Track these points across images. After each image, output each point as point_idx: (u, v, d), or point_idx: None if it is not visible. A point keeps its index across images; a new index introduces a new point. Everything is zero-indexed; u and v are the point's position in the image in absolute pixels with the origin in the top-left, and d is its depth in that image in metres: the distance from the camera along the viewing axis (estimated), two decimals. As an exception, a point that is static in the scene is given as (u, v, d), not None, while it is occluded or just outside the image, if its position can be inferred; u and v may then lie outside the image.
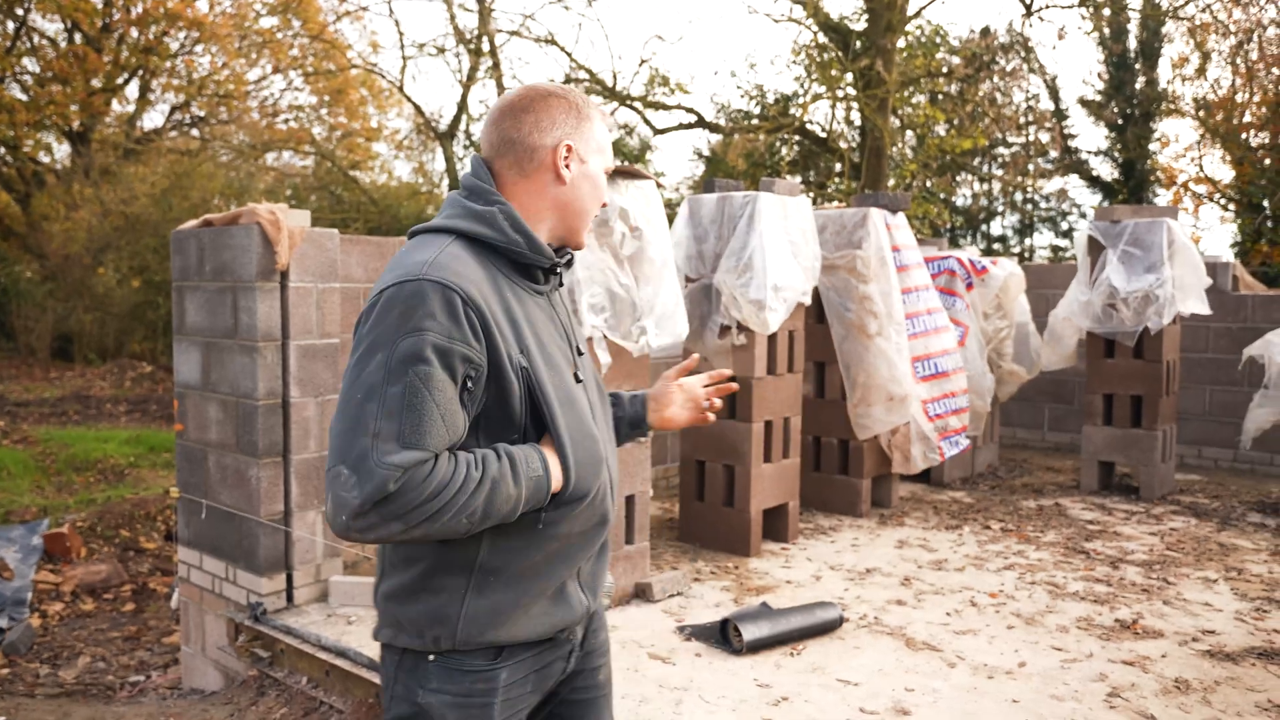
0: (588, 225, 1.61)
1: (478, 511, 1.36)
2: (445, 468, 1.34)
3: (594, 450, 1.53)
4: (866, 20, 12.86)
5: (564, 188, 1.57)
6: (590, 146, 1.59)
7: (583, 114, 1.58)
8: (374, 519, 1.30)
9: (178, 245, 4.37)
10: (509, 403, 1.43)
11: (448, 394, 1.35)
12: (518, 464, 1.41)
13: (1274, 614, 4.18)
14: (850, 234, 5.54)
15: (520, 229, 1.50)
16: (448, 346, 1.35)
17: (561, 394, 1.50)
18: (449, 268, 1.39)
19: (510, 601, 1.48)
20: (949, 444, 5.81)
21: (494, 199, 1.52)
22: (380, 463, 1.29)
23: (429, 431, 1.33)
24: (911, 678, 3.48)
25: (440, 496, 1.32)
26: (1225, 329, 7.50)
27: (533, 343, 1.47)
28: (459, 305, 1.36)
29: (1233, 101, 17.41)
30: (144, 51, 17.71)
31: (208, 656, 4.36)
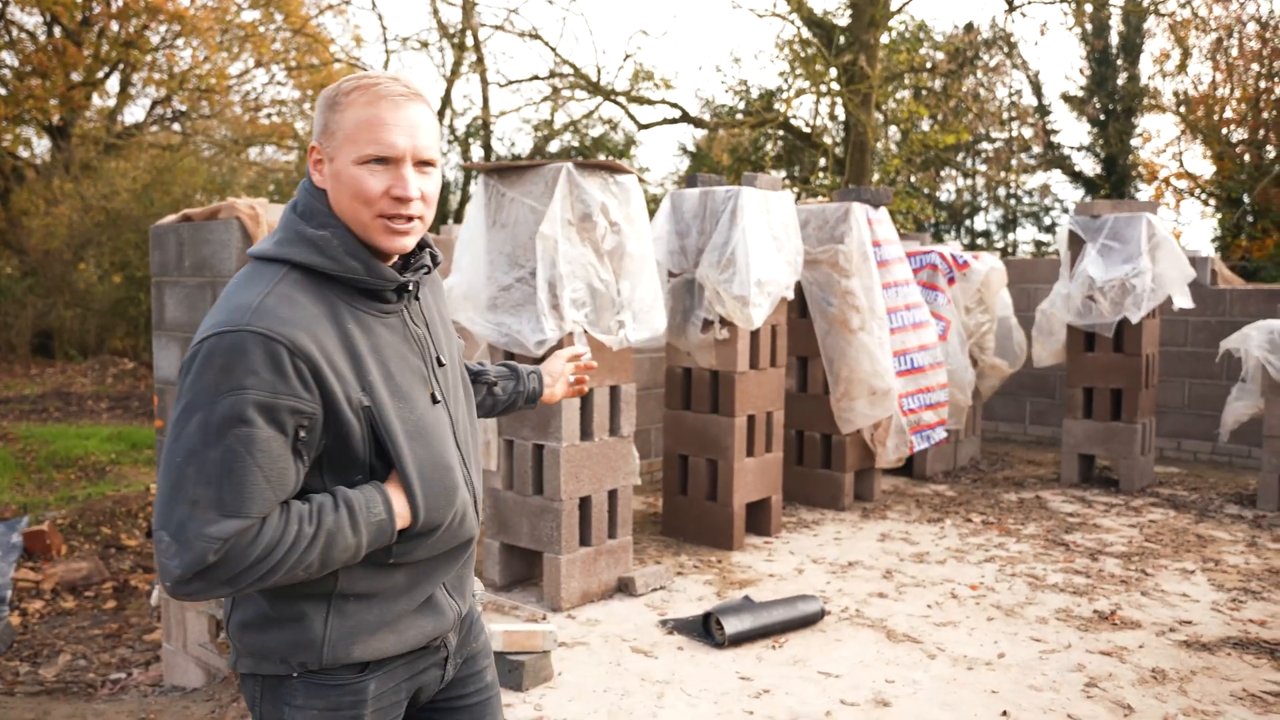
0: (368, 227, 1.40)
1: (314, 564, 1.32)
2: (273, 529, 1.29)
3: (446, 480, 1.46)
4: (850, 15, 12.89)
5: (330, 195, 1.42)
6: (336, 140, 1.39)
7: (331, 104, 1.41)
8: (199, 585, 1.26)
9: (157, 240, 4.35)
10: (350, 444, 1.36)
11: (273, 452, 1.28)
12: (356, 511, 1.35)
13: (1250, 604, 4.23)
14: (832, 229, 5.56)
15: (357, 254, 1.39)
16: (272, 403, 1.26)
17: (410, 426, 1.42)
18: (274, 313, 1.29)
19: (374, 621, 1.44)
20: (920, 438, 5.85)
21: (327, 221, 1.40)
22: (199, 534, 1.24)
23: (251, 498, 1.26)
24: (892, 669, 3.50)
25: (268, 559, 1.28)
26: (1204, 323, 7.56)
27: (378, 376, 1.39)
28: (284, 357, 1.27)
29: (1213, 97, 17.55)
30: (124, 45, 17.56)
31: (189, 653, 4.34)
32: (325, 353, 1.32)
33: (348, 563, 1.37)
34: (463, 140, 19.65)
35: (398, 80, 1.41)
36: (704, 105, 18.36)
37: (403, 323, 1.47)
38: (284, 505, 1.32)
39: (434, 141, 1.44)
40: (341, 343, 1.35)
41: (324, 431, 1.34)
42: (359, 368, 1.36)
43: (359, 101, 1.38)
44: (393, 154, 1.38)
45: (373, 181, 1.38)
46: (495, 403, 1.93)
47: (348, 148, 1.38)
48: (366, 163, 1.38)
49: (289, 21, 18.61)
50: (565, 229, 3.95)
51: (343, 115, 1.39)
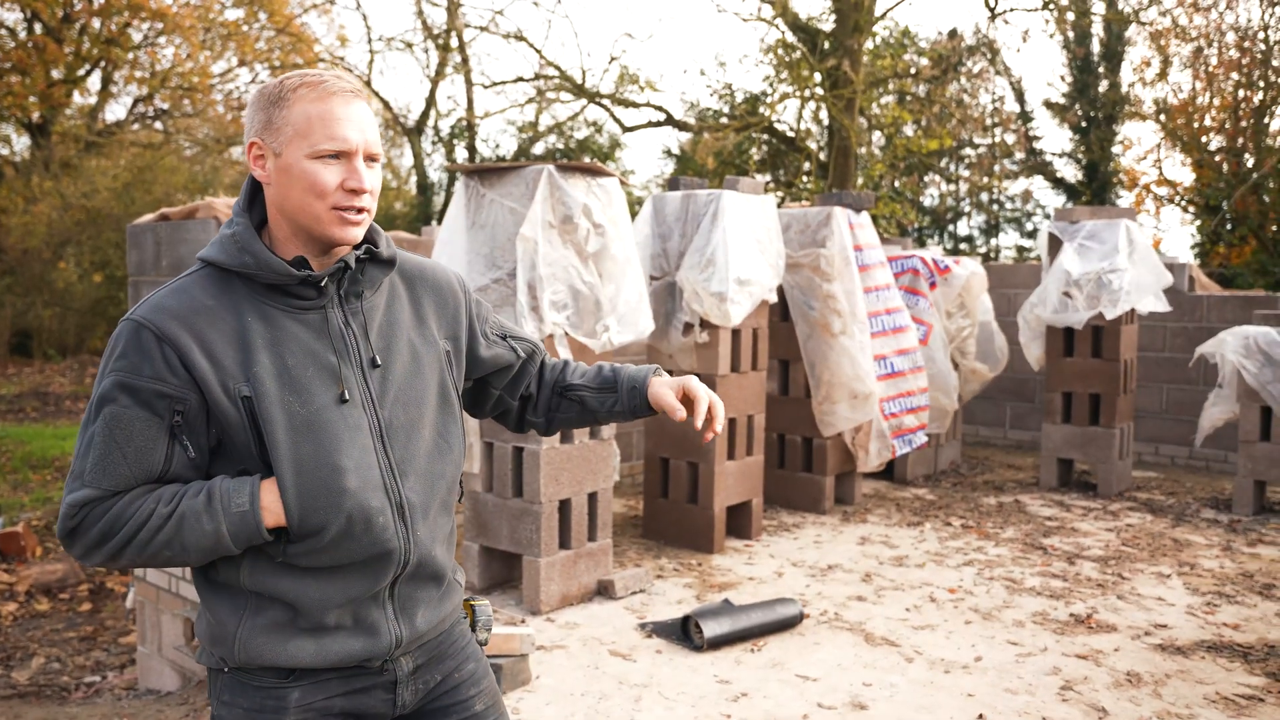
0: (321, 219, 1.41)
1: (174, 545, 1.37)
2: (125, 505, 1.36)
3: (331, 481, 1.40)
4: (834, 21, 12.94)
5: (270, 189, 1.44)
6: (285, 134, 1.40)
7: (275, 100, 1.42)
8: (77, 549, 1.38)
9: (134, 239, 4.31)
10: (232, 433, 1.39)
11: (136, 432, 1.36)
12: (215, 498, 1.37)
13: (1224, 608, 4.26)
14: (814, 233, 5.58)
15: (249, 249, 1.41)
16: (137, 384, 1.35)
17: (298, 421, 1.40)
18: (158, 304, 1.38)
19: (287, 623, 1.43)
20: (902, 442, 5.87)
21: (235, 220, 1.45)
22: (65, 501, 1.37)
23: (105, 471, 1.36)
24: (870, 673, 3.51)
25: (119, 533, 1.36)
26: (1181, 328, 7.63)
27: (268, 368, 1.39)
28: (150, 341, 1.35)
29: (1193, 105, 17.71)
30: (106, 43, 17.43)
31: (164, 656, 4.30)
32: (202, 340, 1.37)
33: (214, 550, 1.39)
34: (447, 141, 19.61)
35: (340, 77, 1.44)
36: (689, 108, 18.39)
37: (323, 319, 1.45)
38: (154, 485, 1.40)
39: (378, 137, 1.48)
40: (233, 334, 1.39)
41: (209, 420, 1.40)
42: (246, 358, 1.39)
43: (307, 98, 1.40)
44: (346, 148, 1.41)
45: (327, 174, 1.40)
46: (594, 417, 1.79)
47: (298, 142, 1.40)
48: (321, 157, 1.40)
49: (273, 20, 18.52)
50: (546, 231, 3.94)
51: (289, 111, 1.40)
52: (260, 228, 1.48)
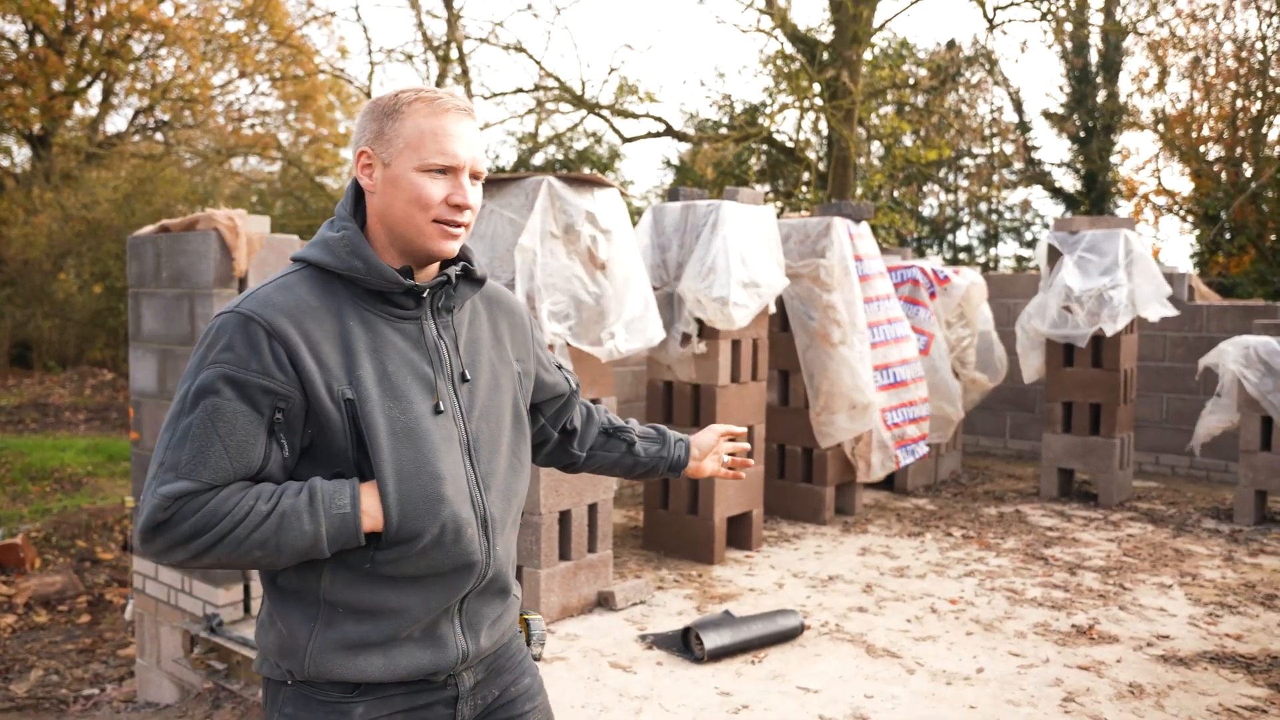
0: (423, 232, 1.44)
1: (269, 545, 1.34)
2: (224, 497, 1.33)
3: (430, 488, 1.41)
4: (833, 32, 12.98)
5: (374, 198, 1.46)
6: (396, 146, 1.43)
7: (388, 112, 1.44)
8: (158, 545, 1.34)
9: (134, 251, 4.32)
10: (332, 435, 1.38)
11: (237, 425, 1.34)
12: (317, 499, 1.36)
13: (1226, 618, 4.25)
14: (814, 243, 5.58)
15: (360, 254, 1.42)
16: (242, 378, 1.33)
17: (399, 427, 1.40)
18: (266, 299, 1.38)
19: (360, 637, 1.41)
20: (905, 452, 5.86)
21: (344, 224, 1.46)
22: (154, 492, 1.32)
23: (204, 464, 1.32)
24: (871, 684, 3.50)
25: (215, 528, 1.32)
26: (1181, 338, 7.63)
27: (371, 372, 1.40)
28: (260, 335, 1.34)
29: (1191, 115, 17.76)
30: (107, 54, 17.48)
31: (163, 669, 4.29)
32: (309, 339, 1.37)
33: (308, 552, 1.36)
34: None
35: (454, 95, 1.48)
36: (688, 119, 18.43)
37: (419, 331, 1.48)
38: (248, 483, 1.36)
39: (484, 156, 1.52)
40: (337, 336, 1.40)
41: (307, 420, 1.38)
42: (350, 361, 1.39)
43: (421, 112, 1.44)
44: (455, 164, 1.44)
45: (433, 188, 1.43)
46: (635, 463, 1.89)
47: (409, 155, 1.43)
48: (429, 170, 1.43)
49: (273, 33, 18.58)
50: (547, 241, 3.94)
51: (403, 124, 1.43)
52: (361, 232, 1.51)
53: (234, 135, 19.60)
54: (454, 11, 15.03)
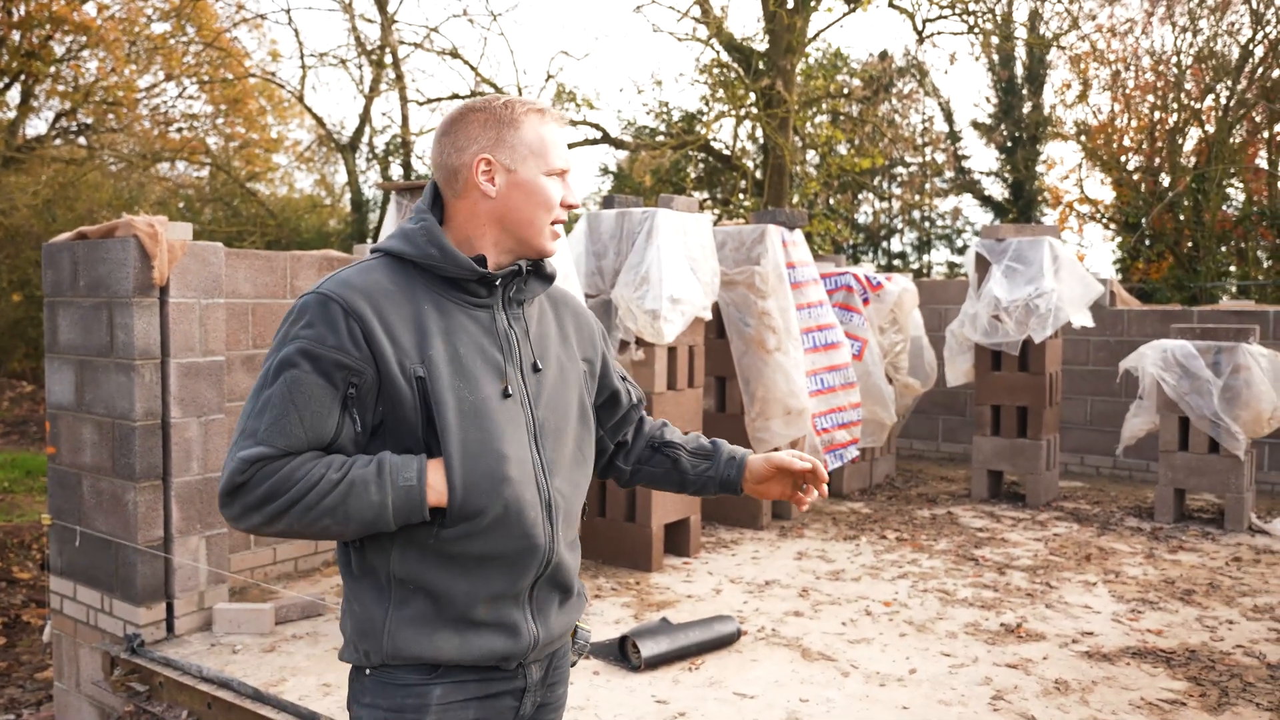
0: (543, 231, 1.56)
1: (338, 511, 1.39)
2: (298, 464, 1.40)
3: (495, 467, 1.46)
4: (768, 42, 13.13)
5: (493, 202, 1.54)
6: (518, 154, 1.54)
7: (505, 121, 1.54)
8: (236, 509, 1.40)
9: (50, 259, 4.17)
10: (402, 412, 1.44)
11: (314, 397, 1.41)
12: (385, 470, 1.42)
13: (1148, 614, 4.38)
14: (749, 250, 5.63)
15: (436, 243, 1.50)
16: (320, 353, 1.40)
17: (467, 406, 1.46)
18: (346, 281, 1.46)
19: (433, 615, 1.47)
20: (833, 456, 5.94)
21: (423, 217, 1.54)
22: (234, 456, 1.40)
23: (282, 431, 1.39)
24: (806, 688, 3.52)
25: (288, 493, 1.38)
26: (1104, 342, 7.87)
27: (443, 353, 1.46)
28: (338, 313, 1.41)
29: (1112, 127, 18.36)
30: (26, 56, 16.87)
31: (82, 692, 4.14)
32: (384, 319, 1.44)
33: (374, 523, 1.41)
34: (381, 159, 19.39)
35: (554, 107, 1.63)
36: (625, 126, 18.48)
37: (491, 319, 1.54)
38: (321, 453, 1.43)
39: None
40: (411, 318, 1.47)
41: (379, 395, 1.44)
42: (423, 341, 1.46)
43: (536, 121, 1.55)
44: (569, 168, 1.59)
45: (555, 191, 1.56)
46: (684, 480, 1.82)
47: (534, 160, 1.54)
48: (553, 175, 1.56)
49: (201, 35, 18.14)
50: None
51: (521, 132, 1.54)
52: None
53: (160, 139, 19.08)
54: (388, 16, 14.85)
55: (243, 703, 3.38)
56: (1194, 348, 5.94)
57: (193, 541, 3.99)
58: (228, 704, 3.41)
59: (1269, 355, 5.87)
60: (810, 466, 1.72)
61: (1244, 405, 5.77)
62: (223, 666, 3.61)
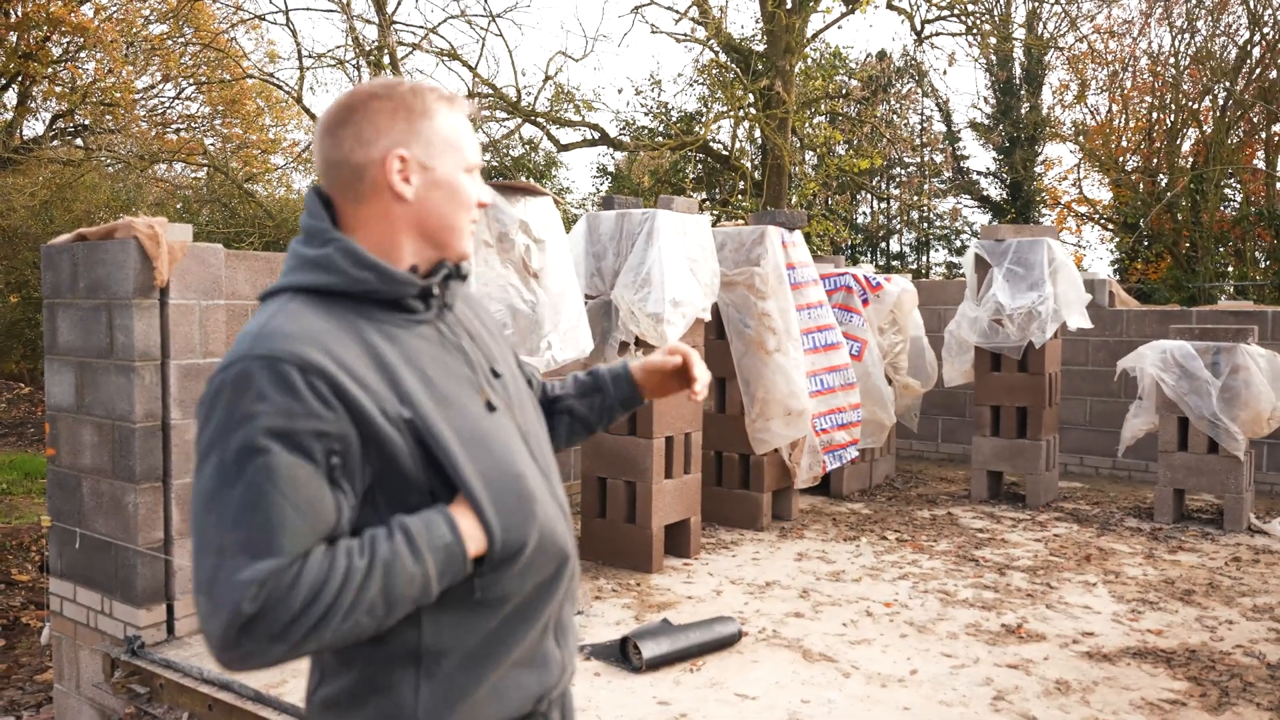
0: (464, 235, 1.38)
1: (378, 605, 1.16)
2: (316, 567, 1.14)
3: (519, 487, 1.29)
4: (766, 42, 13.14)
5: (409, 205, 1.32)
6: (434, 147, 1.33)
7: (416, 110, 1.32)
8: (249, 647, 1.11)
9: (49, 261, 4.16)
10: (399, 464, 1.22)
11: (300, 480, 1.15)
12: (415, 537, 1.19)
13: (1148, 615, 4.38)
14: (749, 251, 5.63)
15: (365, 263, 1.28)
16: (288, 427, 1.15)
17: (465, 434, 1.27)
18: (279, 333, 1.20)
19: (472, 681, 1.27)
20: (832, 457, 5.95)
21: (328, 238, 1.30)
22: (230, 584, 1.10)
23: (282, 532, 1.13)
24: (807, 689, 3.52)
25: (318, 602, 1.12)
26: (1103, 342, 7.87)
27: (417, 385, 1.26)
28: (294, 376, 1.16)
29: (1109, 127, 18.38)
30: (23, 57, 16.84)
31: (82, 694, 4.13)
32: (344, 365, 1.20)
33: (418, 600, 1.20)
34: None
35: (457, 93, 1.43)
36: (624, 127, 18.48)
37: (438, 333, 1.35)
38: (330, 543, 1.18)
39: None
40: (366, 355, 1.24)
41: (364, 456, 1.21)
42: (392, 378, 1.24)
43: (445, 109, 1.36)
44: (481, 163, 1.40)
45: (473, 189, 1.38)
46: (588, 422, 1.71)
47: (451, 155, 1.35)
48: (471, 171, 1.38)
49: (199, 36, 18.12)
50: (482, 250, 3.91)
51: (434, 122, 1.33)
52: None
53: (158, 140, 19.06)
54: (386, 17, 14.84)
55: (244, 705, 3.37)
56: (1193, 348, 5.94)
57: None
58: (229, 706, 3.41)
59: (1268, 356, 5.88)
60: (679, 361, 1.63)
61: (1243, 405, 5.77)
62: (223, 668, 3.61)
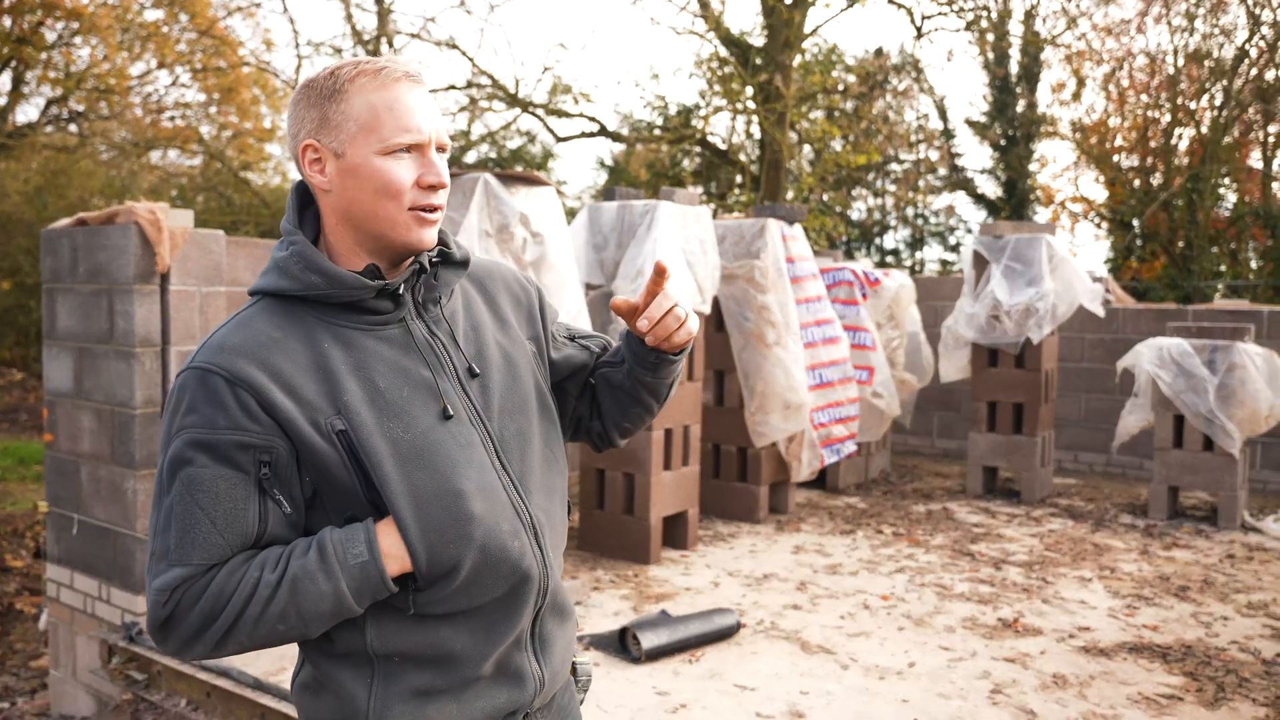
0: (396, 224, 1.26)
1: (290, 616, 1.18)
2: (224, 577, 1.17)
3: (454, 508, 1.23)
4: (766, 36, 13.12)
5: (332, 196, 1.27)
6: (348, 130, 1.24)
7: (327, 94, 1.25)
8: (173, 644, 1.20)
9: (49, 245, 4.14)
10: (333, 476, 1.21)
11: (219, 493, 1.17)
12: (329, 553, 1.19)
13: (1143, 610, 4.41)
14: (749, 244, 5.63)
15: (316, 268, 1.24)
16: (211, 439, 1.17)
17: (404, 448, 1.23)
18: (220, 345, 1.21)
19: (428, 687, 1.26)
20: (830, 451, 5.96)
21: (290, 240, 1.28)
22: (152, 587, 1.19)
23: (194, 544, 1.17)
24: (806, 681, 3.54)
25: (225, 613, 1.16)
26: (1099, 340, 7.90)
27: (360, 395, 1.23)
28: (220, 387, 1.18)
29: (1105, 126, 18.41)
30: (17, 42, 16.74)
31: (79, 680, 4.12)
32: (278, 377, 1.20)
33: (335, 614, 1.20)
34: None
35: (397, 60, 1.28)
36: (622, 120, 18.45)
37: (406, 333, 1.30)
38: (253, 552, 1.21)
39: (445, 126, 1.33)
40: (312, 363, 1.22)
41: (300, 466, 1.22)
42: (332, 389, 1.22)
43: (368, 87, 1.24)
44: (420, 139, 1.26)
45: (401, 172, 1.25)
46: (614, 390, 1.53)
47: (366, 138, 1.24)
48: (393, 152, 1.24)
49: (195, 23, 18.02)
50: (482, 240, 3.90)
51: (348, 104, 1.24)
52: (314, 243, 1.32)
53: (153, 128, 18.97)
54: (384, 6, 14.78)
55: (242, 691, 3.37)
56: (1190, 346, 5.97)
57: (192, 530, 3.97)
58: (227, 693, 3.40)
59: (1264, 354, 5.91)
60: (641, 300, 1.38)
61: (1239, 404, 5.80)
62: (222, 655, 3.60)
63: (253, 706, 3.32)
